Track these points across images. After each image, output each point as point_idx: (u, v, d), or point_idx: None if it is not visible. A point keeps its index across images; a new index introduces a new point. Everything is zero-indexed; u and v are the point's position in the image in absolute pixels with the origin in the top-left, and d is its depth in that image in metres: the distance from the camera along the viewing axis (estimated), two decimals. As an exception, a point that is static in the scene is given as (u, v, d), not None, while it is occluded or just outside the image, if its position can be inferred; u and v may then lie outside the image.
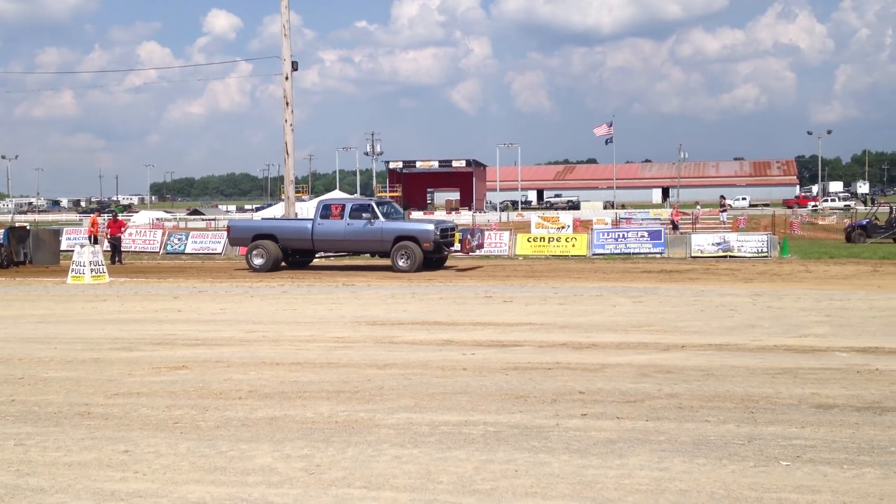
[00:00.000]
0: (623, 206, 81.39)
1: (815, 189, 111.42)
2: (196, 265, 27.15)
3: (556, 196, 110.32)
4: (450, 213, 72.61)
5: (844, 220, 49.07)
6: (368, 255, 24.42)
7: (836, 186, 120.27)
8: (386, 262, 23.17)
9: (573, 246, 28.15)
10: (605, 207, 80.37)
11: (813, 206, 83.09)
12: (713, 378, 8.40)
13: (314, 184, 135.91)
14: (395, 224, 22.97)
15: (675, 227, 38.90)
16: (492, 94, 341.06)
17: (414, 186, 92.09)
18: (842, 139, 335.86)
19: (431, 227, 22.77)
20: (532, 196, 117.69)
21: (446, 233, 23.00)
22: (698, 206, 50.76)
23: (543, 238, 29.90)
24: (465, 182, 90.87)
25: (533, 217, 46.17)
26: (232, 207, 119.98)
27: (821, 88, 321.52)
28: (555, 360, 9.52)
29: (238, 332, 12.03)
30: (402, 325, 12.63)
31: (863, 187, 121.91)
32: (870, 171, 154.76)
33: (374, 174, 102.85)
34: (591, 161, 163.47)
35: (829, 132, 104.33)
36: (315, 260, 25.58)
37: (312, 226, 23.23)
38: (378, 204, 23.66)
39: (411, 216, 25.75)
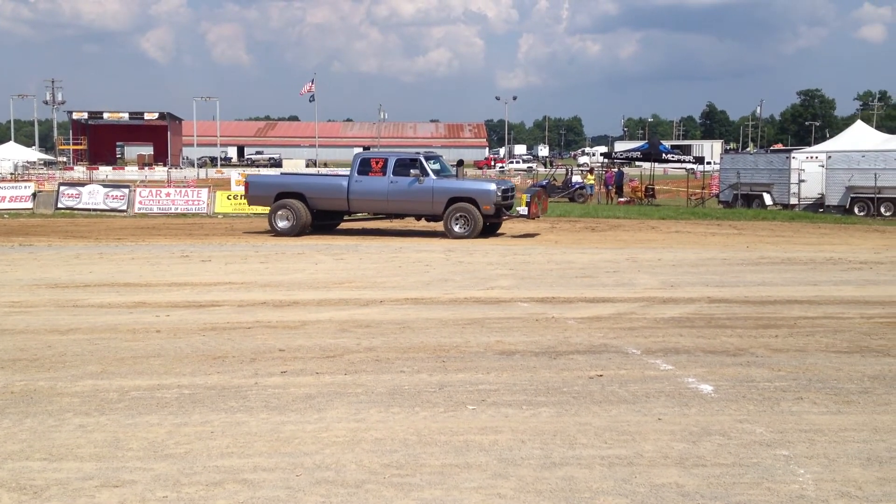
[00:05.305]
0: (325, 164, 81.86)
1: (502, 151, 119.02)
2: None
3: (258, 153, 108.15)
4: (142, 168, 68.75)
5: (527, 180, 52.95)
6: (413, 218, 20.71)
7: (520, 149, 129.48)
8: (433, 226, 20.15)
9: (274, 203, 27.76)
10: (307, 165, 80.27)
11: (500, 168, 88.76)
12: (409, 330, 8.74)
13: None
14: (448, 183, 19.77)
15: None
16: (186, 44, 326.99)
17: (101, 139, 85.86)
18: (525, 105, 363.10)
19: (493, 186, 19.85)
20: (233, 152, 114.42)
21: (507, 194, 20.12)
22: None
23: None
24: (159, 136, 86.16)
25: (233, 174, 45.00)
26: None
27: (506, 56, 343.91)
28: (255, 318, 9.40)
29: None
30: (88, 288, 11.80)
31: (543, 150, 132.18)
32: (549, 135, 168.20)
33: (55, 125, 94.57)
34: (294, 118, 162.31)
35: (514, 98, 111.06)
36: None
37: (349, 183, 19.85)
38: (427, 158, 19.99)
39: (465, 174, 21.35)
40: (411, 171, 19.44)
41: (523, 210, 20.22)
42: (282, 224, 20.04)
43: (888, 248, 17.63)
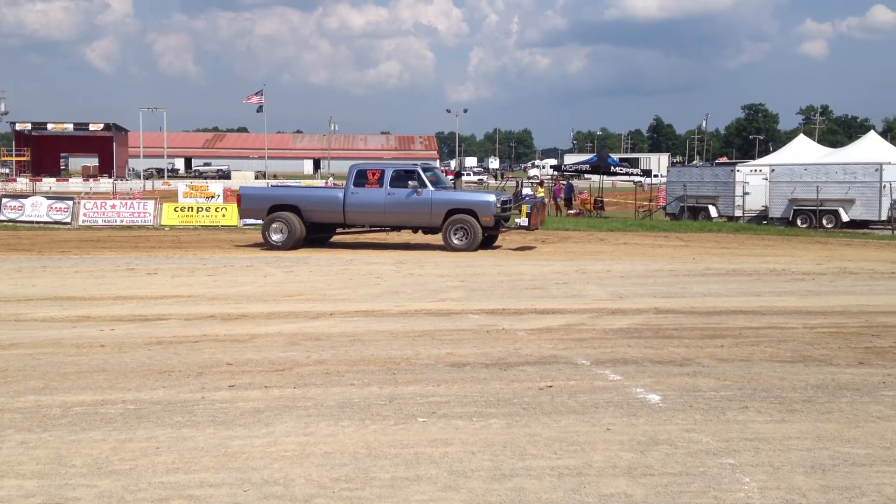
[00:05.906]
0: (275, 177, 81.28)
1: (453, 163, 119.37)
2: None
3: (206, 164, 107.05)
4: (87, 180, 67.56)
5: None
6: (412, 230, 20.32)
7: (471, 161, 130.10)
8: (430, 239, 19.84)
9: (223, 216, 27.50)
10: (256, 177, 79.66)
11: (451, 180, 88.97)
12: (359, 343, 8.70)
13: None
14: (447, 194, 19.54)
15: None
16: (132, 54, 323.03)
17: (45, 151, 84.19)
18: (476, 117, 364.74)
19: (493, 198, 19.43)
20: (180, 164, 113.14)
21: (506, 205, 19.76)
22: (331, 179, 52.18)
23: (192, 208, 28.92)
24: (104, 147, 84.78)
25: (180, 186, 44.38)
26: None
27: (457, 69, 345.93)
28: (202, 332, 9.27)
29: None
30: (31, 301, 11.54)
31: (494, 163, 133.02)
32: (500, 147, 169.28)
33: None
34: (243, 130, 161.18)
35: (465, 111, 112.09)
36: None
37: (344, 195, 19.42)
38: (424, 170, 19.72)
39: (462, 185, 20.77)
40: (409, 182, 19.10)
41: (523, 221, 19.88)
42: (276, 237, 19.48)
43: (829, 259, 18.04)
